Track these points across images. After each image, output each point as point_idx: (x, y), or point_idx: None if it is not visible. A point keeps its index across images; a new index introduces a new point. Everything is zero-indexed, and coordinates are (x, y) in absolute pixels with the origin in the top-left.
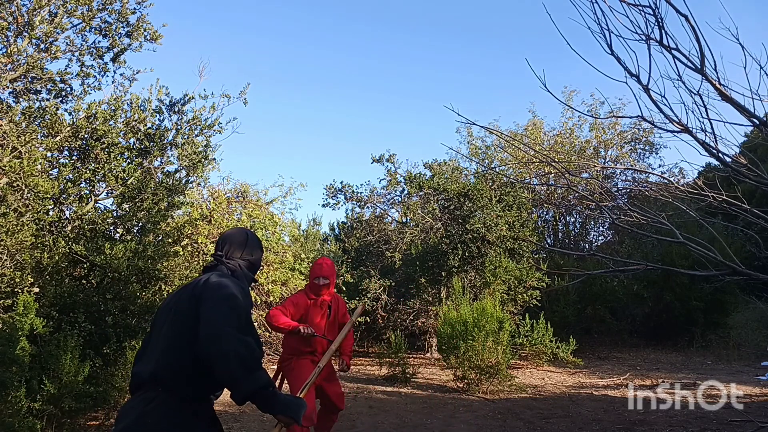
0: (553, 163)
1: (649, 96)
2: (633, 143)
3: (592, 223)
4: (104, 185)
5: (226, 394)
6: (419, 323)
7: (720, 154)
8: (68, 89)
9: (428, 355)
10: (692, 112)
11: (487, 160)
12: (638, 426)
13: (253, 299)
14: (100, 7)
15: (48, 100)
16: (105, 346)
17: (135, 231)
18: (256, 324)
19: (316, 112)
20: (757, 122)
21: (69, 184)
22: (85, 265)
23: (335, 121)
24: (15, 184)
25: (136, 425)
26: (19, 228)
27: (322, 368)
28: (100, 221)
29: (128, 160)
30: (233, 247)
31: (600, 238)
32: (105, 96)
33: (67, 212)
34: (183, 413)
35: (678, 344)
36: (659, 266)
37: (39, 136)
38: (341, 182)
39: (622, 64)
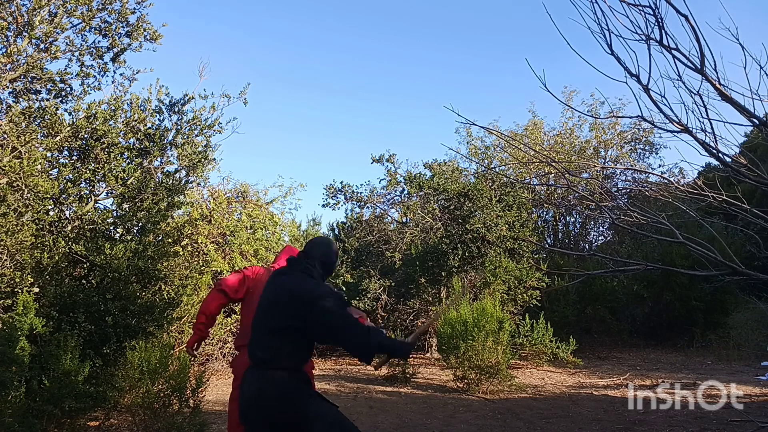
0: (553, 164)
1: (649, 96)
2: (633, 143)
3: (592, 223)
4: (104, 185)
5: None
6: (419, 323)
7: (720, 154)
8: (68, 89)
9: (428, 355)
10: (692, 112)
11: (486, 160)
12: (638, 426)
13: None
14: (99, 7)
15: (48, 100)
16: (105, 346)
17: (135, 231)
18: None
19: (316, 112)
20: (757, 122)
21: (69, 184)
22: (85, 265)
23: (335, 121)
24: (15, 184)
25: (260, 394)
26: (19, 228)
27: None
28: (100, 221)
29: (128, 160)
30: (315, 249)
31: (600, 238)
32: (105, 96)
33: (67, 212)
34: (293, 381)
35: (678, 344)
36: (659, 266)
37: (39, 136)
38: (341, 182)
39: (622, 64)
